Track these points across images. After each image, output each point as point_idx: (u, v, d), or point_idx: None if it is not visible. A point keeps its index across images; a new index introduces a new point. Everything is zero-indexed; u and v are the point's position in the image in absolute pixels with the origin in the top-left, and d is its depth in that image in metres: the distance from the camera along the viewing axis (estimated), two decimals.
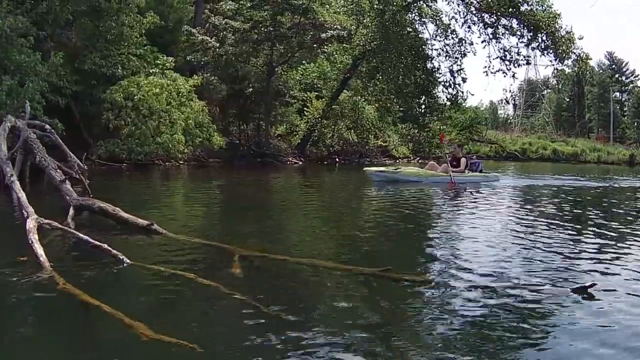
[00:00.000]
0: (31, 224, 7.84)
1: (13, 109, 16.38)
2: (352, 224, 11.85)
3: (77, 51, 24.45)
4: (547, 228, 11.10)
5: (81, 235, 7.78)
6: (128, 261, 7.04)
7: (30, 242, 7.30)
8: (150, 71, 26.95)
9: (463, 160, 21.79)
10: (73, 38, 24.21)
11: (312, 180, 24.69)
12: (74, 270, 6.77)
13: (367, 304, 6.04)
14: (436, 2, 33.64)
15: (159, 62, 28.01)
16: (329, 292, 6.50)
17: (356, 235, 10.45)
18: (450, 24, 33.40)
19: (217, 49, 31.48)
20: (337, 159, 33.44)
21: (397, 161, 38.70)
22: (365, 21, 32.31)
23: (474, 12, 32.19)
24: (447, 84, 33.67)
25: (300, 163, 33.10)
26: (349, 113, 36.97)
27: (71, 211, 10.22)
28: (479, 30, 32.55)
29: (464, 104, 42.06)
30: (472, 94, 76.80)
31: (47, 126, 15.23)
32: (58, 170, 12.26)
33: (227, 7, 32.72)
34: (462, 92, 34.30)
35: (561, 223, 11.86)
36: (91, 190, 12.79)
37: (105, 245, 7.29)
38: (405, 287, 6.57)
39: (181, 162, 27.03)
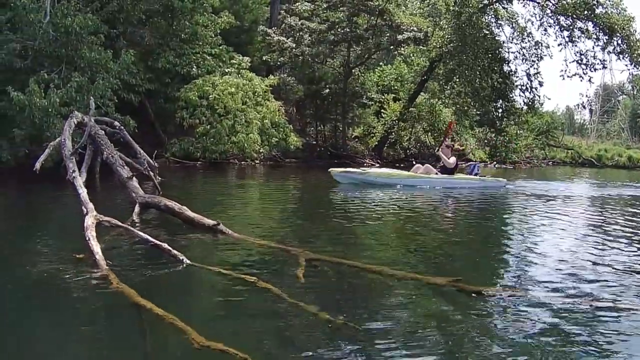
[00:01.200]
0: (89, 220, 7.67)
1: (83, 106, 16.46)
2: (424, 230, 11.30)
3: (150, 49, 24.64)
4: (622, 240, 10.19)
5: (141, 233, 7.55)
6: (188, 262, 6.77)
7: (87, 239, 7.11)
8: (226, 70, 27.04)
9: (453, 159, 19.38)
10: (146, 37, 24.35)
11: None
12: (130, 270, 6.54)
13: (435, 315, 5.62)
14: (512, 4, 32.88)
15: (234, 61, 28.09)
16: (396, 302, 6.08)
17: (427, 242, 9.91)
18: (526, 27, 32.82)
19: (294, 50, 31.46)
20: (414, 162, 33.01)
21: None
22: (441, 23, 31.94)
23: (550, 14, 31.50)
24: (524, 88, 33.07)
25: (377, 165, 32.68)
26: (426, 116, 36.49)
27: (137, 208, 10.12)
28: (555, 33, 31.88)
29: (540, 109, 41.08)
30: (549, 98, 75.47)
31: (116, 123, 15.20)
32: (125, 167, 12.15)
33: (303, 8, 32.69)
34: (539, 97, 33.72)
35: (638, 235, 11.06)
36: (162, 188, 12.69)
37: (165, 245, 7.04)
38: (476, 299, 6.08)
39: (257, 161, 27.04)
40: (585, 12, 29.71)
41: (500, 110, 34.04)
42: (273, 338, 5.03)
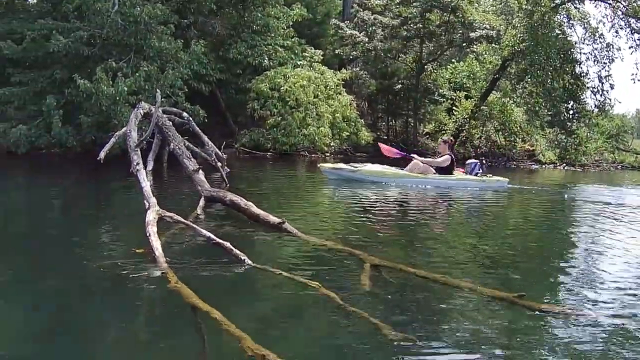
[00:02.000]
0: (151, 215, 7.57)
1: (152, 95, 16.52)
2: (496, 239, 10.78)
3: (221, 40, 24.79)
4: None
5: (203, 230, 7.41)
6: (250, 262, 6.63)
7: (147, 234, 7.04)
8: (298, 63, 27.14)
9: (444, 157, 18.78)
10: (217, 27, 24.46)
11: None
12: (189, 268, 6.42)
13: (495, 331, 5.39)
14: (583, 4, 32.19)
15: (306, 54, 28.16)
16: (458, 315, 5.79)
17: (498, 253, 9.31)
18: (597, 28, 32.13)
19: (366, 44, 31.42)
20: (483, 161, 32.56)
21: (544, 167, 37.42)
22: (514, 21, 31.58)
23: (621, 16, 30.80)
24: (595, 90, 32.44)
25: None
26: (497, 115, 35.94)
27: (202, 202, 10.09)
28: (626, 35, 31.17)
29: (611, 111, 40.17)
30: (620, 102, 74.46)
31: (185, 113, 15.12)
32: (192, 160, 12.03)
33: (376, 3, 32.75)
34: (610, 99, 33.05)
35: None
36: (230, 178, 12.62)
37: (227, 244, 6.90)
38: (538, 317, 5.73)
39: (327, 154, 27.08)
40: None
41: (571, 112, 33.50)
42: (331, 349, 4.86)
